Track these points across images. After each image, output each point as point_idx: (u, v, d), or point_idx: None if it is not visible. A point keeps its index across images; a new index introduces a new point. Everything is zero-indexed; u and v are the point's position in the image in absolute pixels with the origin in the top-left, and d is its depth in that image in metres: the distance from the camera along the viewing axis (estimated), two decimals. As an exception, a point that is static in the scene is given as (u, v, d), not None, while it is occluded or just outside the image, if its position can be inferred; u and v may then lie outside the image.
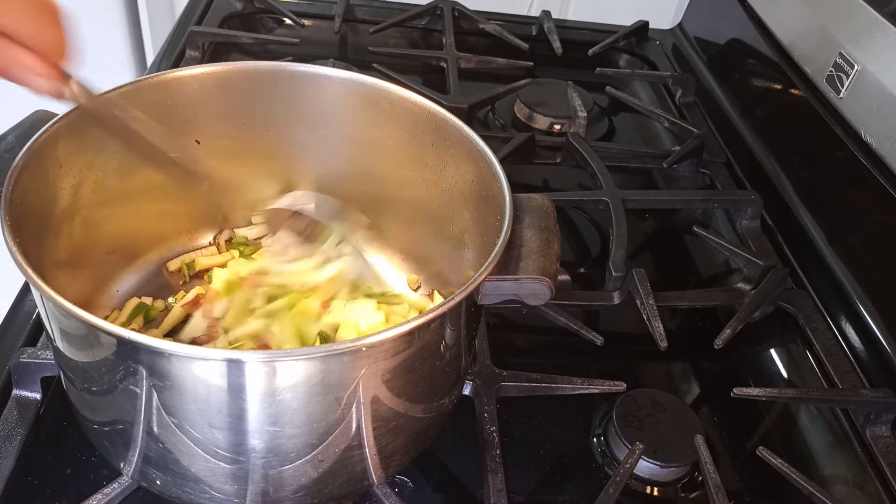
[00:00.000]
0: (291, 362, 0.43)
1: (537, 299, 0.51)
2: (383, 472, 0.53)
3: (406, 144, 0.62)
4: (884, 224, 0.73)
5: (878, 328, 0.70)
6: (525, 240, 0.52)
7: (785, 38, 0.93)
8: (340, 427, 0.47)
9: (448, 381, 0.54)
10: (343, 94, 0.63)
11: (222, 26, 1.07)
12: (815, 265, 0.79)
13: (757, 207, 0.84)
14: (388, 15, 1.14)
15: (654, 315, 0.68)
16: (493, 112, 1.02)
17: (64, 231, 0.56)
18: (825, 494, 0.56)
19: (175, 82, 0.60)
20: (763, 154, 0.92)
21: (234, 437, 0.46)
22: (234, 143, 0.65)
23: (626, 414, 0.61)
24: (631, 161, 0.94)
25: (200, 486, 0.49)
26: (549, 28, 1.17)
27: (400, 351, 0.45)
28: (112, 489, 0.52)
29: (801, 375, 0.71)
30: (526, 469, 0.60)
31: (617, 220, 0.77)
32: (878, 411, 0.64)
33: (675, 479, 0.59)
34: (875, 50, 0.75)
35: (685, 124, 0.98)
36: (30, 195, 0.49)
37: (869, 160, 0.74)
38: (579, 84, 1.03)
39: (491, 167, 0.54)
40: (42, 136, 0.51)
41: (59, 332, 0.46)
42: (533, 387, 0.63)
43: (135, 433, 0.48)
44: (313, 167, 0.67)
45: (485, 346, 0.65)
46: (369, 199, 0.68)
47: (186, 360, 0.42)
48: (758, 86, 1.00)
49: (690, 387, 0.70)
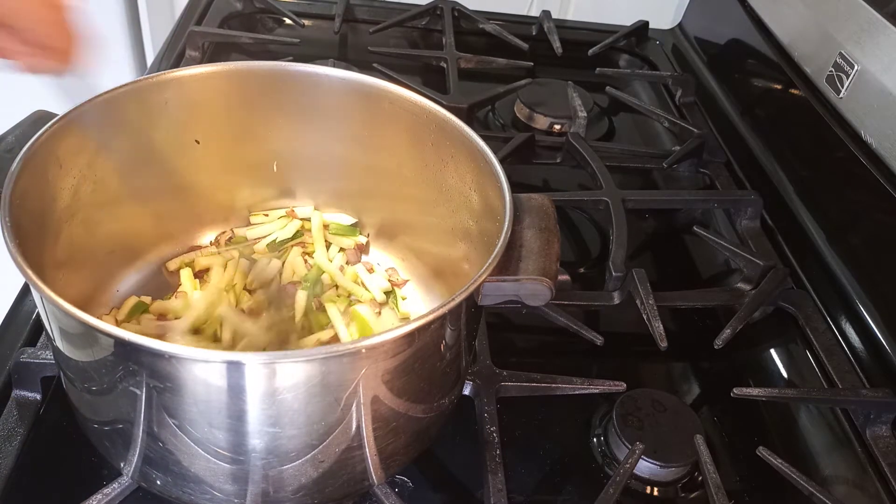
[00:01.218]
0: (291, 364, 0.43)
1: (537, 300, 0.51)
2: (383, 473, 0.53)
3: (406, 144, 0.62)
4: (884, 224, 0.73)
5: (878, 328, 0.70)
6: (525, 240, 0.52)
7: (785, 38, 0.93)
8: (340, 427, 0.47)
9: (448, 382, 0.54)
10: (343, 94, 0.62)
11: (222, 26, 1.07)
12: (815, 265, 0.79)
13: (757, 207, 0.84)
14: (388, 15, 1.14)
15: (654, 315, 0.68)
16: (493, 112, 1.02)
17: (64, 231, 0.56)
18: (825, 494, 0.56)
19: (175, 82, 0.60)
20: (763, 154, 0.92)
21: (234, 438, 0.46)
22: (234, 142, 0.65)
23: (626, 414, 0.61)
24: (631, 161, 0.94)
25: (201, 486, 0.49)
26: (549, 28, 1.16)
27: (400, 352, 0.45)
28: (112, 489, 0.52)
29: (801, 375, 0.71)
30: (526, 469, 0.60)
31: (617, 220, 0.77)
32: (878, 411, 0.64)
33: (675, 479, 0.59)
34: (875, 50, 0.75)
35: (685, 124, 0.98)
36: (30, 195, 0.49)
37: (869, 160, 0.74)
38: (579, 84, 1.03)
39: (491, 167, 0.54)
40: (42, 136, 0.51)
41: (58, 332, 0.46)
42: (533, 387, 0.63)
43: (135, 433, 0.48)
44: (313, 167, 0.67)
45: (485, 346, 0.65)
46: (369, 198, 0.68)
47: (186, 361, 0.42)
48: (758, 86, 1.00)
49: (690, 387, 0.70)
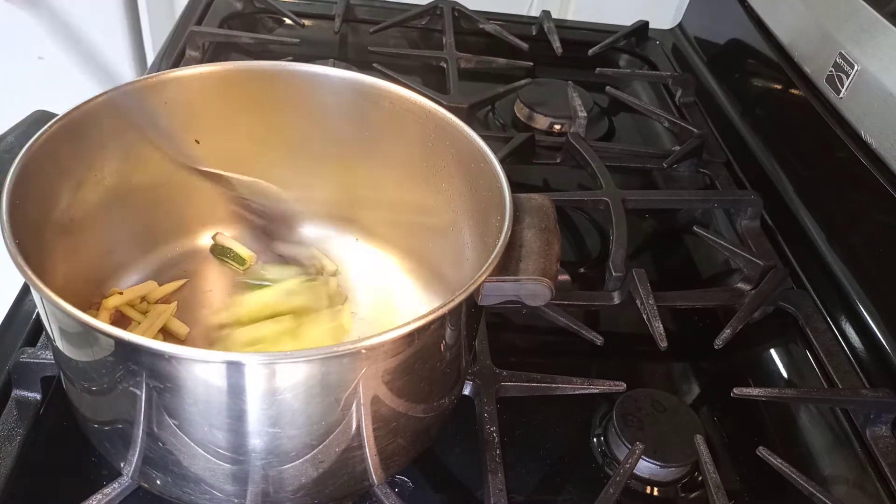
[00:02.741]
0: (291, 364, 0.43)
1: (537, 300, 0.51)
2: (383, 473, 0.53)
3: (406, 144, 0.62)
4: (884, 224, 0.73)
5: (878, 328, 0.70)
6: (525, 240, 0.52)
7: (785, 38, 0.93)
8: (340, 427, 0.47)
9: (448, 382, 0.54)
10: (343, 94, 0.62)
11: (222, 26, 1.07)
12: (815, 265, 0.79)
13: (757, 207, 0.84)
14: (388, 15, 1.14)
15: (654, 315, 0.68)
16: (493, 112, 1.02)
17: (64, 231, 0.56)
18: (825, 494, 0.56)
19: (175, 82, 0.60)
20: (763, 154, 0.92)
21: (234, 438, 0.46)
22: (234, 142, 0.65)
23: (626, 414, 0.61)
24: (631, 161, 0.94)
25: (201, 486, 0.49)
26: (549, 28, 1.16)
27: (400, 352, 0.45)
28: (112, 489, 0.52)
29: (801, 375, 0.71)
30: (526, 469, 0.60)
31: (617, 220, 0.77)
32: (878, 411, 0.64)
33: (675, 479, 0.59)
34: (875, 50, 0.75)
35: (685, 124, 0.98)
36: (29, 195, 0.49)
37: (869, 160, 0.74)
38: (579, 84, 1.03)
39: (491, 167, 0.54)
40: (42, 136, 0.51)
41: (58, 332, 0.46)
42: (533, 387, 0.63)
43: (135, 433, 0.48)
44: (313, 167, 0.67)
45: (485, 346, 0.65)
46: (368, 198, 0.68)
47: (186, 361, 0.42)
48: (758, 86, 1.00)
49: (690, 387, 0.70)
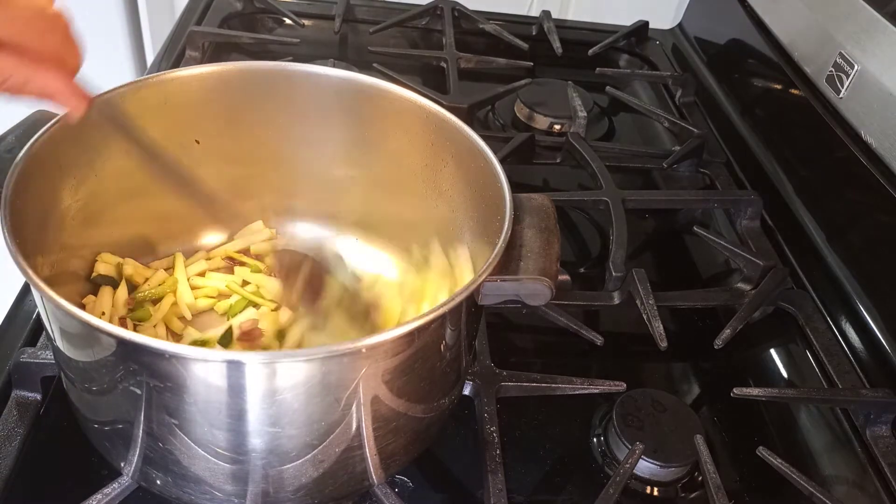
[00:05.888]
0: (291, 363, 0.43)
1: (537, 299, 0.51)
2: (383, 472, 0.53)
3: (406, 144, 0.62)
4: (884, 224, 0.73)
5: (878, 328, 0.70)
6: (525, 240, 0.52)
7: (785, 38, 0.93)
8: (340, 427, 0.47)
9: (448, 381, 0.54)
10: (343, 94, 0.62)
11: (222, 26, 1.07)
12: (815, 265, 0.79)
13: (757, 207, 0.84)
14: (388, 15, 1.14)
15: (654, 315, 0.68)
16: (493, 112, 1.02)
17: (64, 231, 0.56)
18: (825, 494, 0.56)
19: (175, 82, 0.60)
20: (763, 154, 0.92)
21: (234, 438, 0.46)
22: (234, 142, 0.65)
23: (626, 414, 0.61)
24: (631, 161, 0.94)
25: (201, 486, 0.49)
26: (548, 28, 1.17)
27: (400, 351, 0.45)
28: (112, 489, 0.52)
29: (801, 375, 0.71)
30: (526, 469, 0.60)
31: (617, 220, 0.77)
32: (878, 411, 0.64)
33: (675, 479, 0.59)
34: (875, 50, 0.75)
35: (685, 124, 0.98)
36: (30, 195, 0.49)
37: (869, 160, 0.74)
38: (579, 84, 1.03)
39: (491, 167, 0.54)
40: (42, 136, 0.51)
41: (58, 331, 0.46)
42: (533, 387, 0.63)
43: (135, 433, 0.48)
44: (313, 167, 0.67)
45: (485, 346, 0.65)
46: (369, 199, 0.68)
47: (186, 361, 0.42)
48: (758, 86, 1.00)
49: (690, 387, 0.70)
